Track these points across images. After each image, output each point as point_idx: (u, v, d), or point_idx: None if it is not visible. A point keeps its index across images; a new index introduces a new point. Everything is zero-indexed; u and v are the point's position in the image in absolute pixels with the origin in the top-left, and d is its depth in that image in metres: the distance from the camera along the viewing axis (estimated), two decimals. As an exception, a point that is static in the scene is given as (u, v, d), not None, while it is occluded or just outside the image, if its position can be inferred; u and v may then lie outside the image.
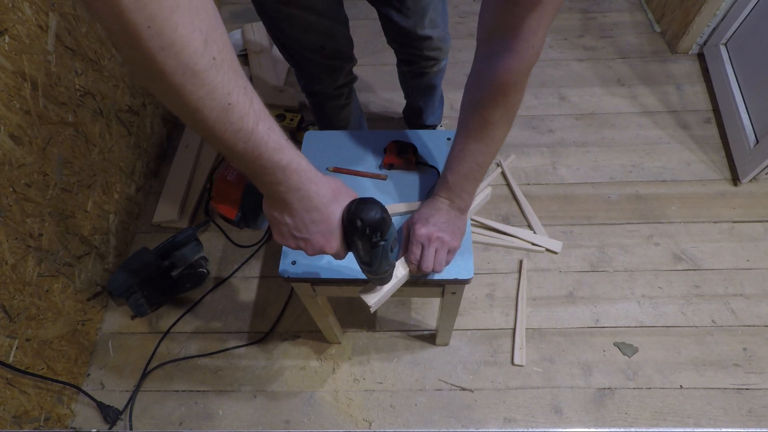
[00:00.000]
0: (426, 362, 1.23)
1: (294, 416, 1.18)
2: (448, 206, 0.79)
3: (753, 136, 1.44)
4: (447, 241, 0.77)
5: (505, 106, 0.70)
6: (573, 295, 1.31)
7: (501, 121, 0.72)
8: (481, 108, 0.71)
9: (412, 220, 0.80)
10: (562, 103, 1.72)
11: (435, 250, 0.77)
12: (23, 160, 1.03)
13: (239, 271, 1.40)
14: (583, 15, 2.00)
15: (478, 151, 0.75)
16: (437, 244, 0.77)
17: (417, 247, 0.77)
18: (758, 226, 1.39)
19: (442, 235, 0.77)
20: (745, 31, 1.57)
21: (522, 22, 0.61)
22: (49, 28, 1.10)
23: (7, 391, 1.01)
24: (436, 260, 0.77)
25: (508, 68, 0.65)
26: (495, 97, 0.69)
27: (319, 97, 1.20)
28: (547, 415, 1.15)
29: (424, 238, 0.76)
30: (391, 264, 0.69)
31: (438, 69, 1.23)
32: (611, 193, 1.49)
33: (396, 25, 1.06)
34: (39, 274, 1.08)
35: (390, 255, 0.65)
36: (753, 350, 1.20)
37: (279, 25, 0.97)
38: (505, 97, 0.69)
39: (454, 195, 0.79)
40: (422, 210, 0.80)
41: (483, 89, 0.69)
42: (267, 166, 0.50)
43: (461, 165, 0.77)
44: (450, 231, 0.78)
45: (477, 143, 0.74)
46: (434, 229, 0.77)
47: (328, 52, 1.04)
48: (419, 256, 0.77)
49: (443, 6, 1.08)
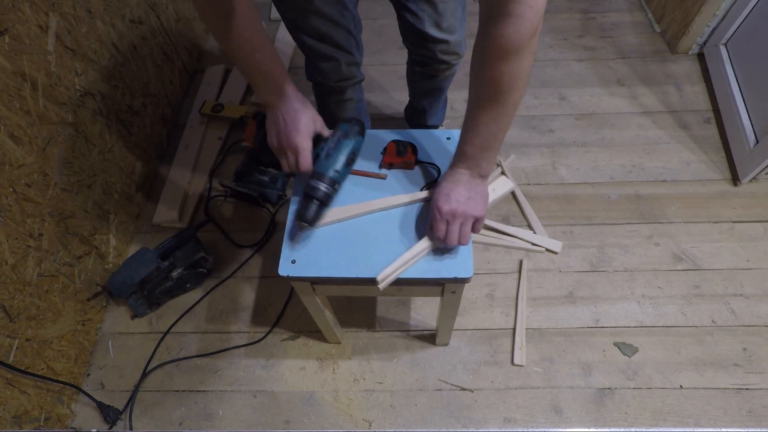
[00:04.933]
0: (426, 362, 1.23)
1: (294, 416, 1.18)
2: (469, 175, 0.80)
3: (753, 136, 1.44)
4: (471, 214, 0.79)
5: (513, 73, 0.68)
6: (573, 295, 1.31)
7: (511, 89, 0.70)
8: (488, 77, 0.70)
9: (433, 196, 0.81)
10: (562, 103, 1.72)
11: (459, 225, 0.78)
12: (23, 160, 1.03)
13: (239, 271, 1.40)
14: (583, 15, 2.00)
15: (491, 120, 0.74)
16: (461, 219, 0.78)
17: (442, 224, 0.78)
18: (758, 226, 1.39)
19: (466, 209, 0.78)
20: (745, 31, 1.57)
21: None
22: (49, 28, 1.10)
23: (7, 391, 1.01)
24: (462, 234, 0.79)
25: (512, 33, 0.64)
26: (500, 65, 0.67)
27: (321, 89, 1.19)
28: (547, 415, 1.15)
29: (448, 214, 0.78)
30: (337, 172, 0.83)
31: (450, 73, 1.23)
32: (611, 193, 1.49)
33: (413, 27, 1.06)
34: (39, 274, 1.08)
35: (336, 161, 0.83)
36: (753, 350, 1.20)
37: (282, 8, 0.98)
38: (510, 64, 0.67)
39: (473, 164, 0.79)
40: (443, 185, 0.81)
41: (488, 58, 0.68)
42: (258, 75, 0.80)
43: (475, 137, 0.77)
44: (473, 203, 0.79)
45: (488, 112, 0.74)
46: (457, 205, 0.78)
47: (328, 43, 1.03)
48: (444, 233, 0.78)
49: (462, 12, 1.07)
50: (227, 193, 1.54)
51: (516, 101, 0.73)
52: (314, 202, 0.81)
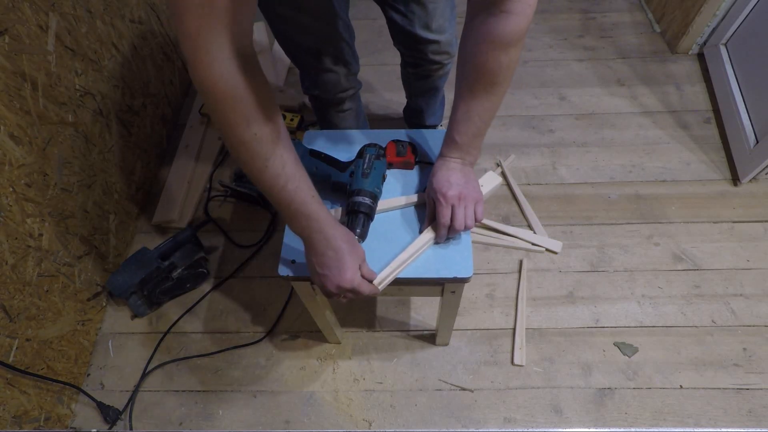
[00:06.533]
0: (426, 362, 1.23)
1: (294, 416, 1.18)
2: (461, 164, 0.82)
3: (753, 136, 1.44)
4: (473, 197, 0.81)
5: (510, 64, 0.72)
6: (573, 295, 1.31)
7: (506, 79, 0.74)
8: (486, 68, 0.72)
9: (431, 186, 0.82)
10: (562, 103, 1.72)
11: (464, 209, 0.80)
12: (23, 160, 1.03)
13: (239, 271, 1.40)
14: (583, 15, 2.00)
15: (484, 109, 0.77)
16: (465, 202, 0.80)
17: (447, 209, 0.80)
18: (758, 226, 1.39)
19: (468, 192, 0.80)
20: (745, 31, 1.57)
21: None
22: (49, 28, 1.10)
23: (7, 391, 1.01)
24: (467, 217, 0.80)
25: (512, 28, 0.67)
26: (500, 57, 0.70)
27: (319, 102, 1.19)
28: (547, 415, 1.15)
29: (454, 198, 0.79)
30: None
31: (443, 72, 1.23)
32: (611, 193, 1.49)
33: (402, 28, 1.06)
34: (39, 274, 1.08)
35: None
36: (753, 350, 1.20)
37: (276, 24, 0.97)
38: (509, 55, 0.70)
39: (464, 153, 0.81)
40: (439, 174, 0.82)
41: (486, 50, 0.70)
42: (295, 214, 0.69)
43: (468, 126, 0.78)
44: (471, 187, 0.82)
45: (482, 102, 0.76)
46: (459, 189, 0.80)
47: (325, 57, 1.03)
48: (450, 218, 0.80)
49: (451, 11, 1.07)
50: (227, 193, 1.54)
51: (506, 90, 0.77)
52: (360, 216, 0.82)
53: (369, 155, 0.88)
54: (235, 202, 1.53)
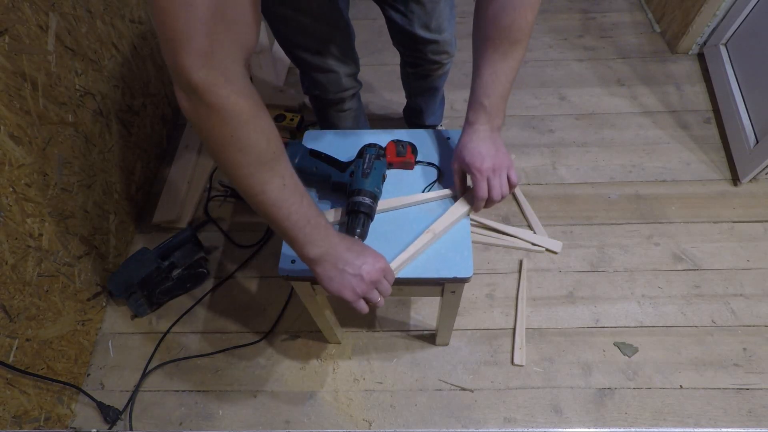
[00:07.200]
0: (426, 362, 1.23)
1: (294, 416, 1.18)
2: (489, 130, 0.81)
3: (753, 136, 1.44)
4: (506, 164, 0.81)
5: (533, 22, 0.74)
6: (573, 295, 1.31)
7: (527, 37, 0.75)
8: (512, 29, 0.73)
9: (463, 159, 0.82)
10: (562, 103, 1.72)
11: (499, 178, 0.80)
12: (23, 160, 1.03)
13: (239, 271, 1.40)
14: (583, 15, 2.00)
15: (511, 69, 0.78)
16: (499, 171, 0.80)
17: (483, 182, 0.80)
18: (758, 226, 1.39)
19: (500, 161, 0.80)
20: (745, 31, 1.57)
21: None
22: (49, 28, 1.10)
23: (7, 391, 1.01)
24: (502, 185, 0.81)
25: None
26: (526, 17, 0.72)
27: (319, 102, 1.19)
28: (547, 415, 1.15)
29: (489, 171, 0.80)
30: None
31: (443, 72, 1.23)
32: (611, 193, 1.49)
33: (402, 28, 1.06)
34: (39, 274, 1.08)
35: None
36: (753, 350, 1.20)
37: (275, 25, 0.97)
38: (533, 14, 0.72)
39: (492, 117, 0.81)
40: (470, 146, 0.81)
41: (511, 12, 0.72)
42: (292, 226, 0.64)
43: (496, 87, 0.78)
44: (502, 154, 0.81)
45: (510, 61, 0.77)
46: (492, 160, 0.80)
47: (325, 57, 1.02)
48: (486, 191, 0.80)
49: (450, 11, 1.07)
50: (227, 193, 1.54)
51: (526, 47, 0.78)
52: (360, 216, 0.82)
53: (369, 155, 0.88)
54: (235, 202, 1.53)
